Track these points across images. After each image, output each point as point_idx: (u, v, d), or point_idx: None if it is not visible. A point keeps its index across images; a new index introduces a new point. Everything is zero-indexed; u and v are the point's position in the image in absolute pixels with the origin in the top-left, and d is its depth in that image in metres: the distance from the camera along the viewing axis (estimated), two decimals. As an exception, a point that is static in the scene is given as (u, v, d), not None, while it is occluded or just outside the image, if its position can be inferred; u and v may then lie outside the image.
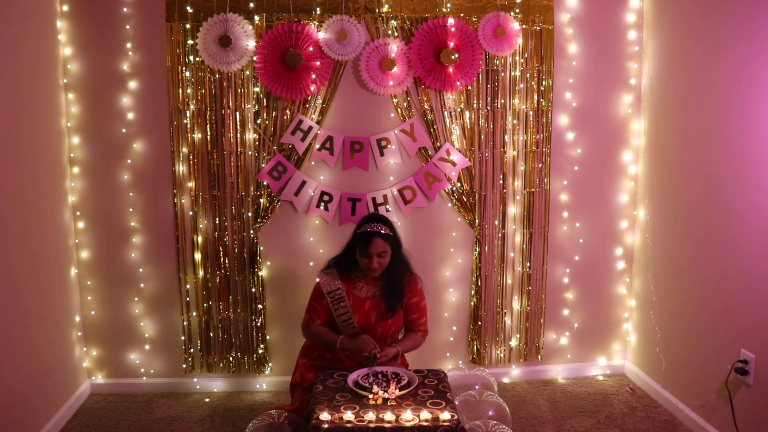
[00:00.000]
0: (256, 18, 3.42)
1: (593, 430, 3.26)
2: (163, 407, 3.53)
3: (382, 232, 2.86)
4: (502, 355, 3.85)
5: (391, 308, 2.92)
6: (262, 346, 3.69)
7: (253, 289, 3.63)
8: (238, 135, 3.50)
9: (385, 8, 3.47)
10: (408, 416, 2.34)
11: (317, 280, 2.99)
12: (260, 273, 3.62)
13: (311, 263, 3.59)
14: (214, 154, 3.52)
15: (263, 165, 3.53)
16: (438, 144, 3.60)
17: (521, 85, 3.61)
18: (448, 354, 3.83)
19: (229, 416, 3.44)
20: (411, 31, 3.49)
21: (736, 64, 2.87)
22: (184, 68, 3.44)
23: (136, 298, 3.63)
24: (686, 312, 3.32)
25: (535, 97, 3.62)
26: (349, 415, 2.35)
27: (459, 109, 3.59)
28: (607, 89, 3.69)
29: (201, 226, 3.57)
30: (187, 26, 3.41)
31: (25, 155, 3.01)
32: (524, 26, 3.55)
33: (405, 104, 3.57)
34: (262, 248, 3.62)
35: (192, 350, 3.69)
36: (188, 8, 3.39)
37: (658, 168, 3.57)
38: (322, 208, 3.60)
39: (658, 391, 3.56)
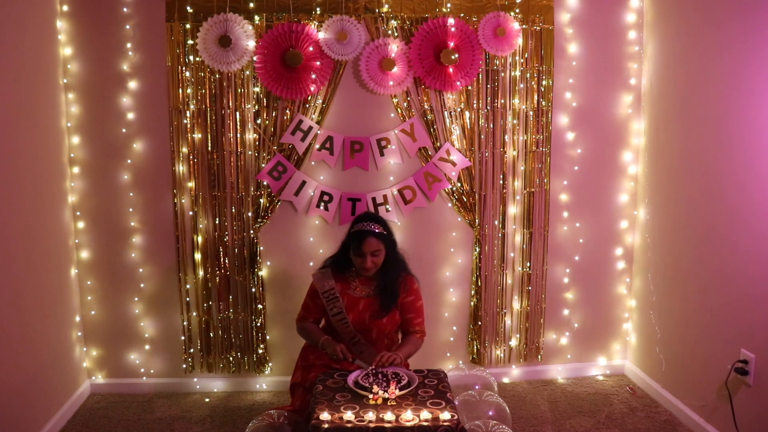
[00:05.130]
0: (256, 18, 3.42)
1: (593, 430, 3.26)
2: (163, 407, 3.53)
3: (376, 231, 2.86)
4: (502, 355, 3.85)
5: (385, 308, 2.91)
6: (262, 346, 3.69)
7: (253, 289, 3.63)
8: (238, 135, 3.50)
9: (385, 8, 3.47)
10: (408, 416, 2.34)
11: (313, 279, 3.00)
12: (260, 273, 3.62)
13: (311, 263, 3.59)
14: (214, 154, 3.52)
15: (263, 165, 3.53)
16: (438, 144, 3.60)
17: (521, 85, 3.61)
18: (448, 354, 3.83)
19: (229, 416, 3.44)
20: (411, 31, 3.49)
21: (736, 64, 2.87)
22: (184, 68, 3.44)
23: (136, 298, 3.63)
24: (686, 312, 3.32)
25: (535, 97, 3.62)
26: (349, 415, 2.35)
27: (459, 109, 3.59)
28: (607, 89, 3.69)
29: (201, 226, 3.57)
30: (187, 26, 3.41)
31: (25, 155, 3.01)
32: (524, 26, 3.55)
33: (405, 104, 3.57)
34: (262, 248, 3.62)
35: (192, 350, 3.69)
36: (188, 8, 3.39)
37: (658, 168, 3.57)
38: (322, 208, 3.60)
39: (658, 391, 3.56)
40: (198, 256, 3.60)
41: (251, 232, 3.59)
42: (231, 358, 3.71)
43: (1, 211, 2.80)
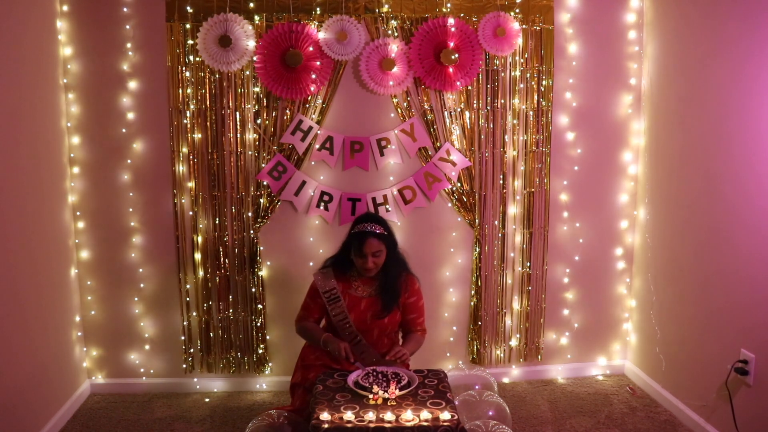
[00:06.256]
0: (256, 18, 3.42)
1: (593, 430, 3.26)
2: (163, 407, 3.53)
3: (377, 231, 2.87)
4: (502, 355, 3.85)
5: (386, 308, 2.91)
6: (262, 346, 3.69)
7: (253, 289, 3.63)
8: (238, 135, 3.50)
9: (385, 8, 3.47)
10: (408, 416, 2.34)
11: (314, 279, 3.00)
12: (260, 273, 3.62)
13: (311, 263, 3.59)
14: (214, 154, 3.52)
15: (263, 165, 3.53)
16: (438, 144, 3.60)
17: (521, 85, 3.61)
18: (448, 354, 3.83)
19: (229, 416, 3.44)
20: (411, 31, 3.49)
21: (736, 64, 2.87)
22: (184, 68, 3.44)
23: (136, 298, 3.63)
24: (686, 312, 3.32)
25: (535, 97, 3.62)
26: (349, 415, 2.35)
27: (459, 109, 3.59)
28: (607, 89, 3.69)
29: (201, 226, 3.57)
30: (187, 26, 3.41)
31: (25, 155, 3.01)
32: (524, 26, 3.55)
33: (405, 104, 3.57)
34: (262, 248, 3.62)
35: (192, 350, 3.69)
36: (188, 8, 3.39)
37: (658, 168, 3.57)
38: (322, 208, 3.60)
39: (658, 391, 3.56)
40: (198, 256, 3.60)
41: (251, 232, 3.59)
42: (231, 358, 3.71)
43: (1, 211, 2.80)
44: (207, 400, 3.63)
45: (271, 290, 3.68)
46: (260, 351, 3.69)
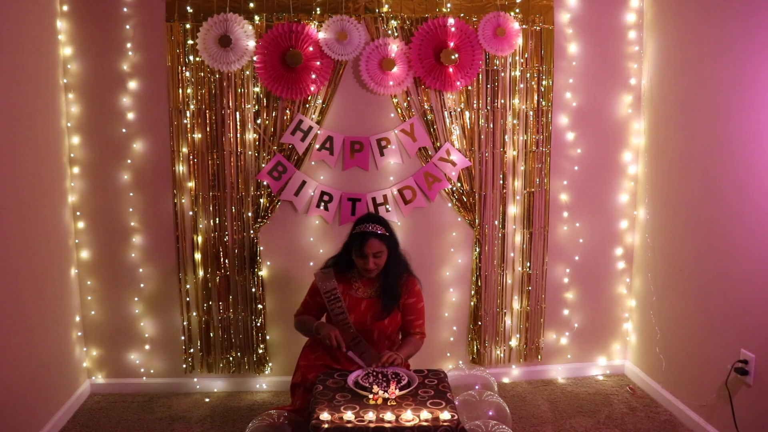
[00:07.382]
0: (256, 18, 3.42)
1: (593, 430, 3.27)
2: (163, 407, 3.53)
3: (378, 232, 2.86)
4: (502, 355, 3.85)
5: (386, 309, 2.91)
6: (262, 346, 3.69)
7: (253, 289, 3.63)
8: (238, 135, 3.50)
9: (385, 8, 3.47)
10: (408, 416, 2.34)
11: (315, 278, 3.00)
12: (260, 273, 3.62)
13: (311, 263, 3.59)
14: (214, 154, 3.52)
15: (263, 165, 3.53)
16: (438, 144, 3.60)
17: (521, 85, 3.61)
18: (448, 354, 3.83)
19: (229, 416, 3.44)
20: (411, 31, 3.49)
21: (736, 64, 2.87)
22: (184, 68, 3.44)
23: (136, 298, 3.63)
24: (686, 312, 3.32)
25: (535, 97, 3.62)
26: (349, 415, 2.35)
27: (459, 109, 3.59)
28: (607, 89, 3.69)
29: (201, 226, 3.57)
30: (187, 26, 3.41)
31: (25, 155, 3.01)
32: (524, 26, 3.55)
33: (405, 104, 3.57)
34: (262, 248, 3.62)
35: (192, 350, 3.69)
36: (188, 8, 3.39)
37: (658, 168, 3.57)
38: (322, 208, 3.60)
39: (658, 391, 3.56)
40: (198, 256, 3.60)
41: (251, 232, 3.59)
42: (231, 358, 3.71)
43: (1, 211, 2.80)
44: (207, 400, 3.63)
45: (271, 290, 3.68)
46: (260, 351, 3.69)
